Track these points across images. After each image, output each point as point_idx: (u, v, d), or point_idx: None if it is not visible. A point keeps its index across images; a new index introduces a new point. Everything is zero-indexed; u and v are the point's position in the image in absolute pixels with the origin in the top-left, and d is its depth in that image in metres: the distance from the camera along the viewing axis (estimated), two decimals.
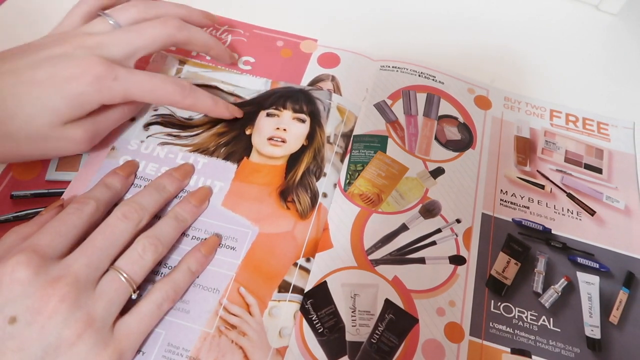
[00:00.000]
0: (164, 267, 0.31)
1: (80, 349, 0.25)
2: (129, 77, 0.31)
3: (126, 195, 0.34)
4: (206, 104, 0.36)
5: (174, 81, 0.34)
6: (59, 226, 0.28)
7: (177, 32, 0.35)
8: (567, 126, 0.41)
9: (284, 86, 0.41)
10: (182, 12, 0.37)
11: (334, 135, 0.38)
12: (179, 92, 0.34)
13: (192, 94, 0.34)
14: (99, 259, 0.27)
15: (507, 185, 0.38)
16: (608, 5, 0.50)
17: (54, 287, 0.25)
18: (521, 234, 0.35)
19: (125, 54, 0.33)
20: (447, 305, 0.32)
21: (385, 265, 0.33)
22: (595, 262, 0.34)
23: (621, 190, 0.38)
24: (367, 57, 0.44)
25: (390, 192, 0.36)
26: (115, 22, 0.34)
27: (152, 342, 0.29)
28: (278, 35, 0.45)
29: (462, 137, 0.40)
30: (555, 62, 0.46)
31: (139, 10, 0.35)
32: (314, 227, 0.34)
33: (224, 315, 0.30)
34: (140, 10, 0.35)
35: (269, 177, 0.36)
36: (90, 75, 0.30)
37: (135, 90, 0.32)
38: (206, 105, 0.36)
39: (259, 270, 0.32)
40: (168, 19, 0.34)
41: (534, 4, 0.51)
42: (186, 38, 0.35)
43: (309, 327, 0.31)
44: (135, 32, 0.33)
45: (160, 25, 0.34)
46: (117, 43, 0.32)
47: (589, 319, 0.32)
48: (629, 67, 0.46)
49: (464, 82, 0.43)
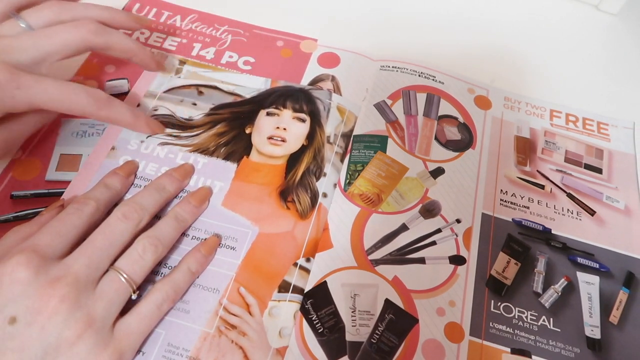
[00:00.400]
0: (164, 267, 0.31)
1: (81, 349, 0.25)
2: (35, 85, 0.29)
3: (126, 196, 0.34)
4: (124, 117, 0.34)
5: (87, 91, 0.31)
6: (59, 226, 0.28)
7: (93, 37, 0.32)
8: (567, 126, 0.41)
9: (284, 85, 0.41)
10: (103, 15, 0.35)
11: (334, 135, 0.38)
12: (92, 104, 0.31)
13: (108, 106, 0.32)
14: (99, 259, 0.27)
15: (507, 185, 0.38)
16: (608, 5, 0.50)
17: (54, 288, 0.25)
18: (521, 234, 0.35)
19: (32, 59, 0.30)
20: (447, 305, 0.32)
21: (385, 265, 0.33)
22: (595, 262, 0.34)
23: (621, 190, 0.38)
24: (367, 57, 0.44)
25: (390, 192, 0.36)
26: (27, 25, 0.31)
27: (152, 342, 0.29)
28: (278, 35, 0.45)
29: (462, 137, 0.40)
30: (555, 62, 0.46)
31: (54, 11, 0.32)
32: (314, 227, 0.34)
33: (224, 315, 0.30)
34: (55, 12, 0.32)
35: (269, 177, 0.36)
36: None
37: (42, 99, 0.30)
38: (124, 118, 0.34)
39: (259, 270, 0.32)
40: (83, 23, 0.32)
41: (534, 4, 0.51)
42: (104, 43, 0.33)
43: (309, 327, 0.31)
44: (46, 36, 0.31)
45: (74, 29, 0.32)
46: (24, 47, 0.30)
47: (589, 319, 0.32)
48: (629, 67, 0.46)
49: (464, 82, 0.43)
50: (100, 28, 0.33)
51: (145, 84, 0.40)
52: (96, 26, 0.32)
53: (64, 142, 0.36)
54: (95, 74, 0.40)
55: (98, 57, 0.41)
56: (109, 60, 0.41)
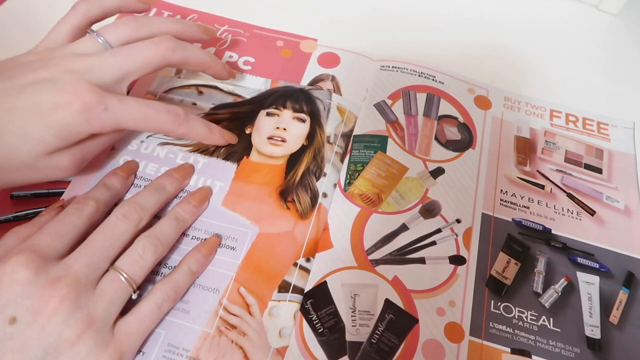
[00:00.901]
0: (164, 267, 0.31)
1: (81, 349, 0.25)
2: (121, 106, 0.29)
3: (126, 196, 0.34)
4: (201, 132, 0.34)
5: (167, 110, 0.32)
6: (59, 226, 0.28)
7: (172, 54, 0.32)
8: (567, 126, 0.42)
9: (284, 85, 0.41)
10: (177, 28, 0.35)
11: (334, 135, 0.38)
12: (172, 122, 0.32)
13: (186, 123, 0.33)
14: (99, 259, 0.27)
15: (507, 185, 0.38)
16: (608, 5, 0.50)
17: (54, 288, 0.25)
18: (521, 234, 0.35)
19: (115, 78, 0.30)
20: (447, 305, 0.32)
21: (385, 265, 0.33)
22: (595, 262, 0.34)
23: (621, 190, 0.38)
24: (367, 57, 0.44)
25: (390, 192, 0.36)
26: (105, 42, 0.31)
27: (152, 342, 0.29)
28: (278, 35, 0.45)
29: (462, 137, 0.40)
30: (555, 62, 0.46)
31: (131, 28, 0.32)
32: (314, 227, 0.34)
33: (224, 315, 0.30)
34: (132, 29, 0.32)
35: (269, 177, 0.36)
36: (78, 104, 0.28)
37: (127, 120, 0.30)
38: (201, 133, 0.34)
39: (259, 270, 0.32)
40: (162, 40, 0.32)
41: (534, 4, 0.51)
42: (182, 59, 0.33)
43: (309, 327, 0.31)
44: (127, 55, 0.31)
45: (154, 46, 0.31)
46: (107, 67, 0.30)
47: (589, 319, 0.32)
48: (629, 67, 0.46)
49: (464, 82, 0.43)
50: (178, 44, 0.33)
51: (145, 84, 0.40)
52: (174, 43, 0.32)
53: None
54: None
55: None
56: None
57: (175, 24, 0.35)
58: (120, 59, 0.31)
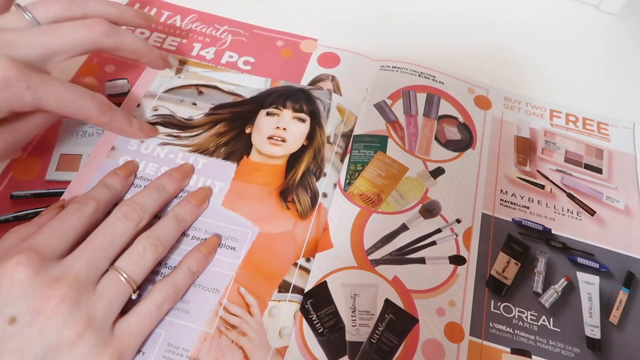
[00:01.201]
0: (164, 267, 0.31)
1: (81, 349, 0.25)
2: (43, 86, 0.28)
3: (126, 196, 0.34)
4: (121, 125, 0.33)
5: (92, 97, 0.31)
6: (59, 226, 0.28)
7: (104, 38, 0.31)
8: (567, 126, 0.41)
9: (284, 85, 0.41)
10: (113, 12, 0.33)
11: (334, 135, 0.38)
12: (96, 109, 0.31)
13: (109, 112, 0.32)
14: (99, 259, 0.27)
15: (507, 185, 0.38)
16: (608, 5, 0.50)
17: (54, 288, 0.25)
18: (521, 234, 0.35)
19: (39, 57, 0.29)
20: (447, 305, 0.32)
21: (385, 265, 0.33)
22: (595, 262, 0.34)
23: (621, 190, 0.38)
24: (367, 57, 0.44)
25: (390, 192, 0.36)
26: (32, 18, 0.30)
27: (152, 342, 0.29)
28: (278, 35, 0.45)
29: (462, 137, 0.40)
30: (555, 62, 0.46)
31: (62, 6, 0.31)
32: (314, 227, 0.34)
33: (224, 315, 0.30)
34: (64, 7, 0.31)
35: (269, 177, 0.36)
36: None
37: (49, 101, 0.29)
38: (121, 126, 0.33)
39: (259, 270, 0.32)
40: (95, 22, 0.30)
41: (534, 4, 0.50)
42: (114, 44, 0.32)
43: (309, 327, 0.31)
44: (55, 33, 0.29)
45: (85, 28, 0.30)
46: (32, 44, 0.28)
47: (589, 319, 0.32)
48: (629, 67, 0.46)
49: (464, 82, 0.43)
50: (112, 29, 0.31)
51: (145, 84, 0.40)
52: (108, 27, 0.31)
53: (64, 142, 0.36)
54: (95, 74, 0.40)
55: (98, 57, 0.41)
56: (109, 60, 0.41)
57: (111, 7, 0.33)
58: (47, 37, 0.29)
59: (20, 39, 0.28)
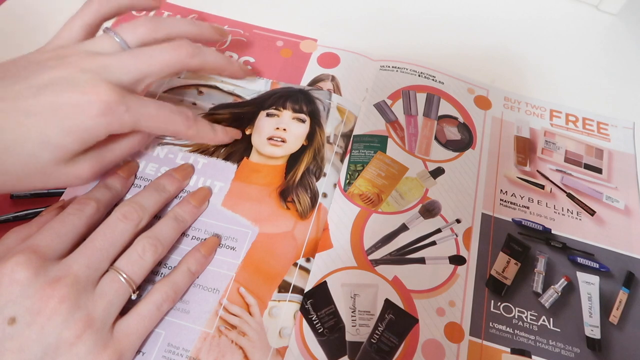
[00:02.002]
0: (163, 268, 0.31)
1: (80, 349, 0.25)
2: (141, 107, 0.29)
3: (126, 196, 0.34)
4: (207, 134, 0.34)
5: (180, 112, 0.31)
6: (59, 227, 0.28)
7: (190, 60, 0.32)
8: (567, 126, 0.41)
9: (284, 86, 0.41)
10: (193, 31, 0.35)
11: (334, 135, 0.38)
12: (184, 123, 0.32)
13: (195, 124, 0.32)
14: (98, 260, 0.27)
15: (507, 185, 0.38)
16: (608, 5, 0.50)
17: (54, 288, 0.25)
18: (521, 234, 0.35)
19: (133, 80, 0.30)
20: (447, 305, 0.32)
21: (385, 265, 0.33)
22: (595, 262, 0.34)
23: (621, 190, 0.38)
24: (367, 57, 0.44)
25: (390, 192, 0.36)
26: (123, 41, 0.31)
27: (152, 342, 0.29)
28: (278, 35, 0.45)
29: (462, 137, 0.40)
30: (555, 62, 0.46)
31: (149, 29, 0.32)
32: (314, 227, 0.34)
33: (224, 315, 0.30)
34: (150, 30, 0.32)
35: (269, 177, 0.36)
36: (99, 104, 0.27)
37: (146, 122, 0.29)
38: (207, 135, 0.34)
39: (259, 270, 0.32)
40: (181, 45, 0.32)
41: (534, 4, 0.50)
42: (200, 64, 0.33)
43: (309, 327, 0.31)
44: (146, 57, 0.30)
45: (173, 51, 0.31)
46: (125, 67, 0.29)
47: (589, 319, 0.32)
48: (629, 67, 0.46)
49: (463, 82, 0.43)
50: (197, 50, 0.32)
51: None
52: (193, 49, 0.32)
53: None
54: None
55: None
56: None
57: (192, 26, 0.34)
58: (139, 60, 0.30)
59: (115, 64, 0.29)
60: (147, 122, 0.30)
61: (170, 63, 0.31)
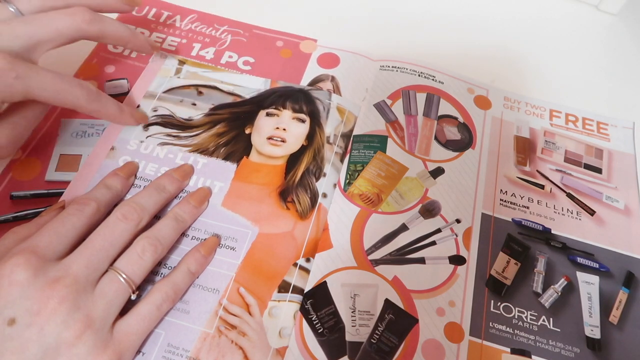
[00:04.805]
0: (163, 268, 0.31)
1: (80, 350, 0.25)
2: (32, 75, 0.28)
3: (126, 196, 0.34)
4: (111, 111, 0.34)
5: (80, 84, 0.31)
6: (58, 227, 0.27)
7: (87, 26, 0.31)
8: (566, 126, 0.41)
9: (284, 86, 0.41)
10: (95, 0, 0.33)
11: (334, 135, 0.38)
12: (84, 97, 0.31)
13: (98, 99, 0.32)
14: (98, 260, 0.27)
15: (507, 185, 0.38)
16: (608, 5, 0.50)
17: (53, 289, 0.25)
18: (521, 233, 0.35)
19: (24, 47, 0.29)
20: (447, 305, 0.32)
21: (385, 265, 0.33)
22: (595, 262, 0.34)
23: (621, 190, 0.38)
24: (367, 57, 0.44)
25: (390, 192, 0.36)
26: (16, 10, 0.30)
27: (152, 342, 0.29)
28: (278, 35, 0.45)
29: (461, 137, 0.40)
30: (555, 62, 0.46)
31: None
32: (314, 227, 0.34)
33: (224, 315, 0.30)
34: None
35: (269, 177, 0.36)
36: None
37: (38, 90, 0.29)
38: (111, 112, 0.34)
39: (259, 270, 0.32)
40: (77, 11, 0.31)
41: (534, 3, 0.50)
42: (98, 32, 0.32)
43: (309, 327, 0.31)
44: (39, 23, 0.29)
45: (68, 17, 0.30)
46: (16, 34, 0.29)
47: (588, 318, 0.32)
48: (629, 67, 0.46)
49: (463, 82, 0.43)
50: (95, 16, 0.32)
51: (144, 84, 0.40)
52: (90, 15, 0.31)
53: (63, 142, 0.36)
54: (95, 74, 0.40)
55: (98, 57, 0.41)
56: (108, 60, 0.41)
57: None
58: (31, 27, 0.29)
59: (4, 30, 0.28)
60: (40, 91, 0.29)
61: (64, 29, 0.30)
